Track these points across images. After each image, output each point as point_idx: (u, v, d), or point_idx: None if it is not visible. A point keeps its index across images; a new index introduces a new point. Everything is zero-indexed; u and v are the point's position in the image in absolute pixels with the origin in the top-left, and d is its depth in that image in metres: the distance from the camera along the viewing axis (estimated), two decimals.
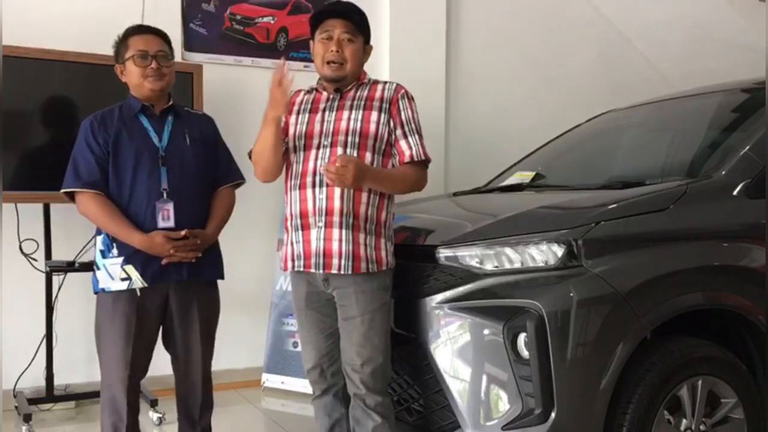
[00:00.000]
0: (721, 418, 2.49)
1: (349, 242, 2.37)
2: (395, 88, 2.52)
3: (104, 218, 2.54)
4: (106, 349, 2.59)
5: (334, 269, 2.38)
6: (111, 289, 2.56)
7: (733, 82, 3.29)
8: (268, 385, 4.17)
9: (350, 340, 2.42)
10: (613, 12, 5.44)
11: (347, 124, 2.44)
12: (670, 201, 2.49)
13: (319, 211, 2.40)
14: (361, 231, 2.40)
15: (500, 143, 4.74)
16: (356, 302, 2.40)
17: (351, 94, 2.51)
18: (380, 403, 2.43)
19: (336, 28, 2.46)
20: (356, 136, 2.43)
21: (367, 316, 2.39)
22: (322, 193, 2.40)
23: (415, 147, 2.47)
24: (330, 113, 2.48)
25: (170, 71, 2.64)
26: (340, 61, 2.45)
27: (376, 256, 2.42)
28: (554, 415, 2.23)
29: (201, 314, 2.65)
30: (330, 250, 2.38)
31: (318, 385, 2.58)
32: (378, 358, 2.41)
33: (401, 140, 2.47)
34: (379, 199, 2.45)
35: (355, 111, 2.46)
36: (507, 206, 2.85)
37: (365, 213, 2.41)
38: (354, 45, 2.47)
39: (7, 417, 3.60)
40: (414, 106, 2.52)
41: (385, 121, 2.46)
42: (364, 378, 2.41)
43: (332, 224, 2.38)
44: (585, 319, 2.27)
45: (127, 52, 2.61)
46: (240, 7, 4.38)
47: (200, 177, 2.64)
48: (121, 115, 2.62)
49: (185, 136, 2.64)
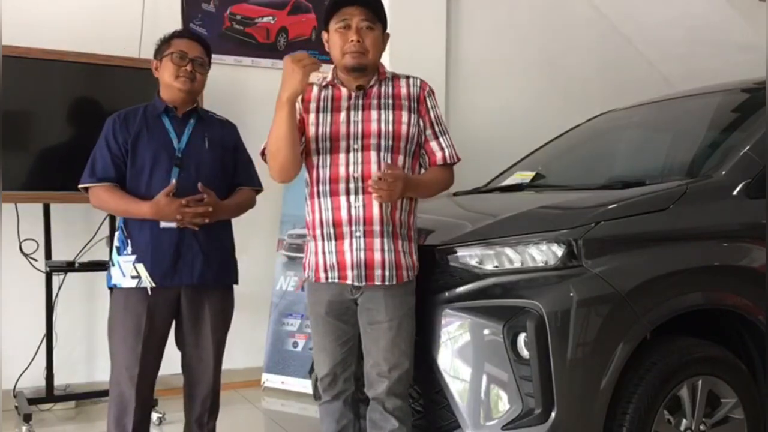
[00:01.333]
0: (721, 418, 2.49)
1: (391, 252, 2.31)
2: (420, 84, 2.43)
3: (115, 200, 2.58)
4: (117, 345, 2.60)
5: (377, 280, 2.30)
6: (122, 285, 2.59)
7: (733, 82, 3.29)
8: (268, 385, 4.17)
9: (377, 344, 2.35)
10: (613, 12, 5.44)
11: (378, 126, 2.34)
12: (670, 201, 2.49)
13: (356, 219, 2.31)
14: (399, 238, 2.35)
15: (500, 143, 4.73)
16: (385, 307, 2.33)
17: (375, 91, 2.39)
18: (399, 407, 2.38)
19: (354, 16, 2.32)
20: (389, 139, 2.33)
21: (395, 322, 2.33)
22: (358, 201, 2.31)
23: (448, 149, 2.42)
24: (356, 113, 2.36)
25: (202, 78, 2.68)
26: (362, 50, 2.33)
27: (411, 262, 2.38)
28: (554, 415, 2.23)
29: (213, 320, 2.66)
30: (372, 261, 2.30)
31: (329, 391, 2.48)
32: (404, 364, 2.35)
33: (432, 141, 2.41)
34: (410, 202, 2.40)
35: (384, 111, 2.36)
36: (507, 206, 2.85)
37: (400, 219, 2.35)
38: (374, 33, 2.35)
39: (7, 417, 3.60)
40: (437, 103, 2.46)
41: (415, 122, 2.38)
42: (390, 383, 2.35)
43: (372, 234, 2.30)
44: (585, 319, 2.27)
45: (168, 50, 2.64)
46: (240, 7, 4.39)
47: (215, 181, 2.63)
48: (145, 114, 2.65)
49: (204, 139, 2.66)
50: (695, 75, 4.47)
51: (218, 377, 2.73)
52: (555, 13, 5.31)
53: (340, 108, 2.38)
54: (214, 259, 2.63)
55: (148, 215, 2.52)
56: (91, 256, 3.76)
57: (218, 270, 2.65)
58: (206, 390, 2.70)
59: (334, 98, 2.40)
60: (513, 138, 4.58)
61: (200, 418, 2.72)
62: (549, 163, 3.56)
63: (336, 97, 2.40)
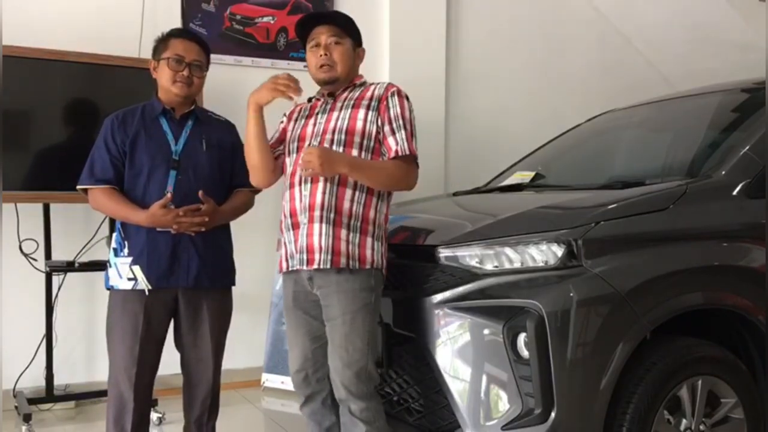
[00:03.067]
0: (721, 418, 2.49)
1: (329, 236, 2.35)
2: (386, 86, 2.51)
3: (113, 205, 2.59)
4: (115, 346, 2.61)
5: (315, 264, 2.36)
6: (118, 287, 2.60)
7: (733, 82, 3.29)
8: (268, 385, 4.17)
9: (333, 341, 2.39)
10: (613, 12, 5.44)
11: (335, 123, 2.46)
12: (670, 201, 2.49)
13: (304, 207, 2.40)
14: (343, 227, 2.37)
15: (500, 143, 4.74)
16: (337, 302, 2.36)
17: (343, 95, 2.53)
18: (365, 408, 2.37)
19: (322, 35, 2.49)
20: (342, 133, 2.43)
21: (348, 317, 2.35)
22: (306, 190, 2.41)
23: (401, 142, 2.42)
24: (322, 116, 2.51)
25: (200, 82, 2.68)
26: (330, 63, 2.47)
27: (359, 253, 2.38)
28: (554, 414, 2.22)
29: (211, 321, 2.66)
30: (312, 246, 2.37)
31: (302, 390, 2.53)
32: (360, 361, 2.35)
33: (389, 137, 2.44)
34: (366, 196, 2.42)
35: (344, 110, 2.48)
36: (507, 206, 2.85)
37: (349, 209, 2.39)
38: (342, 47, 2.49)
39: (7, 417, 3.60)
40: (405, 103, 2.48)
41: (373, 119, 2.44)
42: (346, 381, 2.35)
43: (314, 219, 2.38)
44: (585, 319, 2.27)
45: (165, 53, 2.64)
46: (240, 7, 4.38)
47: (212, 183, 2.64)
48: (143, 115, 2.65)
49: (202, 140, 2.66)
50: (695, 75, 4.47)
51: (218, 377, 2.73)
52: (555, 14, 5.31)
53: (313, 114, 2.55)
54: (211, 262, 2.63)
55: (143, 224, 2.53)
56: (91, 256, 3.76)
57: (214, 272, 2.65)
58: (206, 390, 2.70)
59: (310, 108, 2.58)
60: (513, 138, 4.59)
61: (200, 419, 2.72)
62: (549, 163, 3.56)
63: (312, 107, 2.58)
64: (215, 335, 2.68)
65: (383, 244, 2.48)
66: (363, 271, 2.39)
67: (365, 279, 2.40)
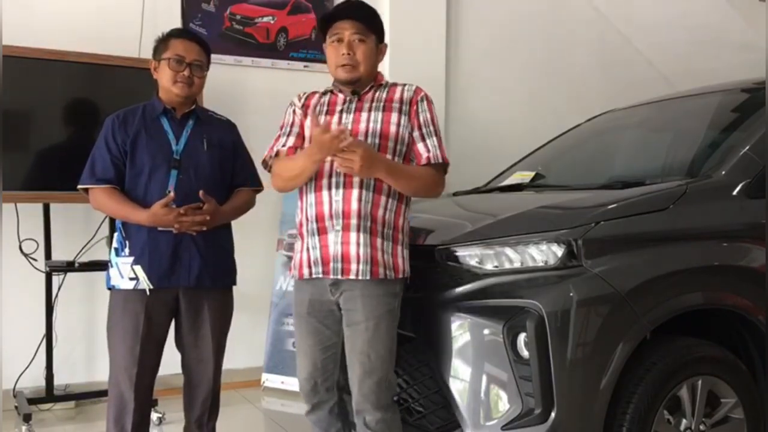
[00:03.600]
0: (721, 418, 2.49)
1: (367, 246, 2.29)
2: (414, 89, 2.45)
3: (114, 204, 2.59)
4: (116, 346, 2.60)
5: (352, 275, 2.29)
6: (120, 287, 2.60)
7: (733, 82, 3.29)
8: (268, 385, 4.17)
9: (354, 347, 2.32)
10: (613, 12, 5.44)
11: (366, 125, 2.37)
12: (670, 201, 2.49)
13: (336, 213, 2.31)
14: (379, 236, 2.32)
15: (500, 143, 4.73)
16: (362, 307, 2.30)
17: (369, 95, 2.44)
18: (380, 419, 2.32)
19: (345, 30, 2.39)
20: (376, 137, 2.35)
21: (371, 323, 2.29)
22: (338, 195, 2.32)
23: (433, 149, 2.38)
24: (347, 115, 2.41)
25: (200, 82, 2.67)
26: (353, 63, 2.38)
27: (393, 262, 2.34)
28: (554, 414, 2.22)
29: (212, 321, 2.65)
30: (348, 255, 2.29)
31: (310, 398, 2.46)
32: (381, 369, 2.29)
33: (419, 142, 2.40)
34: (397, 203, 2.38)
35: (375, 112, 2.39)
36: (507, 206, 2.85)
37: (382, 217, 2.33)
38: (366, 45, 2.41)
39: (7, 417, 3.60)
40: (433, 108, 2.45)
41: (405, 123, 2.39)
42: (365, 390, 2.30)
43: (350, 227, 2.30)
44: (585, 319, 2.27)
45: (165, 53, 2.63)
46: (240, 7, 4.39)
47: (213, 183, 2.63)
48: (144, 115, 2.65)
49: (203, 141, 2.65)
50: (695, 75, 4.47)
51: (218, 378, 2.73)
52: (555, 14, 5.31)
53: (334, 111, 2.44)
54: (212, 262, 2.63)
55: (144, 223, 2.53)
56: (91, 256, 3.76)
57: (216, 272, 2.65)
58: (206, 390, 2.70)
59: (330, 103, 2.47)
60: (513, 138, 4.58)
61: (200, 419, 2.72)
62: (549, 163, 3.56)
63: (332, 102, 2.47)
64: (216, 335, 2.67)
65: (408, 250, 2.43)
66: (395, 279, 2.35)
67: (392, 286, 2.35)
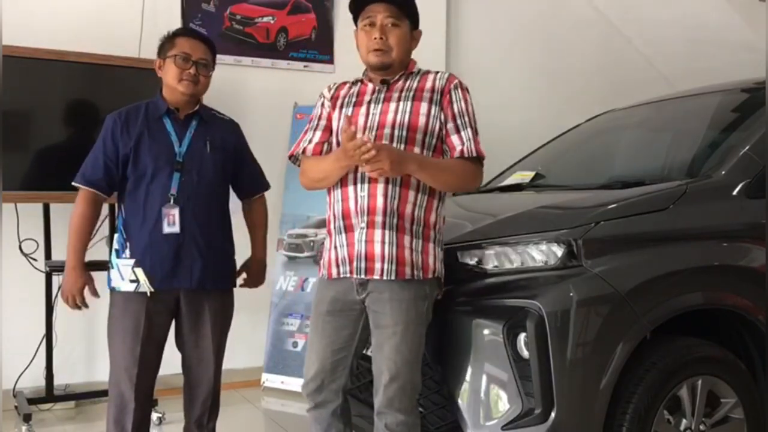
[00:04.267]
0: (721, 418, 2.49)
1: (392, 245, 2.18)
2: (447, 77, 2.33)
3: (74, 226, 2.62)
4: (116, 346, 2.60)
5: (376, 274, 2.18)
6: (120, 288, 2.60)
7: (733, 82, 3.29)
8: (268, 385, 4.17)
9: (381, 350, 2.23)
10: (613, 12, 5.44)
11: (394, 116, 2.26)
12: (670, 201, 2.49)
13: (361, 210, 2.21)
14: (407, 233, 2.20)
15: (500, 143, 4.71)
16: (390, 311, 2.20)
17: (399, 85, 2.33)
18: (403, 422, 2.24)
19: (378, 14, 2.28)
20: (403, 129, 2.23)
21: (400, 327, 2.19)
22: (363, 191, 2.21)
23: (468, 142, 2.24)
24: (376, 105, 2.30)
25: (206, 81, 2.65)
26: (385, 48, 2.28)
27: (422, 261, 2.22)
28: (554, 414, 2.22)
29: (212, 321, 2.65)
30: (372, 253, 2.19)
31: (313, 397, 2.38)
32: (407, 374, 2.21)
33: (453, 135, 2.26)
34: (427, 198, 2.25)
35: (403, 102, 2.27)
36: (507, 206, 2.85)
37: (411, 214, 2.22)
38: (399, 30, 2.31)
39: (7, 417, 3.60)
40: (469, 97, 2.31)
41: (436, 114, 2.26)
42: (390, 394, 2.21)
43: (374, 224, 2.19)
44: (585, 319, 2.27)
45: (171, 51, 2.61)
46: (240, 6, 4.39)
47: (216, 185, 2.63)
48: (147, 115, 2.62)
49: (206, 142, 2.63)
50: (695, 75, 4.47)
51: (218, 378, 2.73)
52: (555, 13, 5.31)
53: (363, 102, 2.34)
54: (213, 264, 2.62)
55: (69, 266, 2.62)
56: (91, 256, 3.73)
57: (217, 274, 2.64)
58: (206, 391, 2.70)
59: (359, 93, 2.37)
60: (512, 138, 4.57)
61: (200, 419, 2.72)
62: (549, 163, 3.56)
63: (361, 92, 2.37)
64: (216, 336, 2.67)
65: (442, 249, 2.33)
66: (424, 279, 2.24)
67: (422, 288, 2.24)
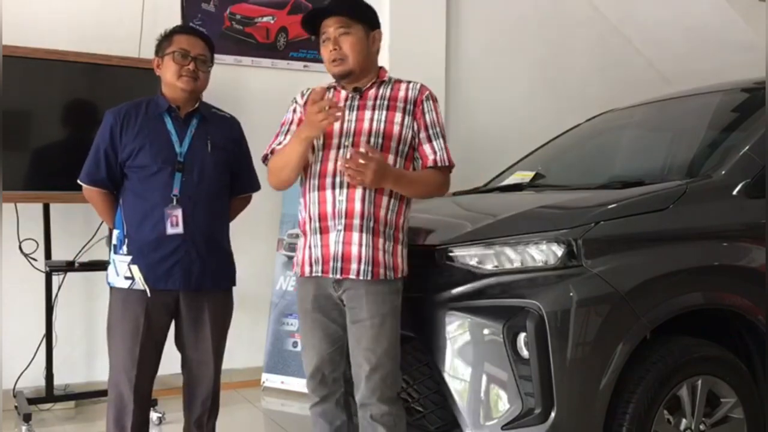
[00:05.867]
0: (720, 418, 2.49)
1: (369, 247, 2.30)
2: (420, 88, 2.44)
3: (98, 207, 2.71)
4: (115, 347, 2.60)
5: (353, 274, 2.30)
6: (115, 285, 2.59)
7: (733, 82, 3.28)
8: (268, 384, 4.17)
9: (359, 344, 2.32)
10: (613, 12, 5.44)
11: (370, 124, 2.37)
12: (670, 201, 2.49)
13: (339, 213, 2.32)
14: (381, 236, 2.33)
15: (500, 143, 4.73)
16: (366, 305, 2.31)
17: (372, 93, 2.43)
18: (387, 413, 2.33)
19: (329, 27, 2.39)
20: (379, 137, 2.35)
21: (377, 320, 2.30)
22: (342, 195, 2.33)
23: (440, 152, 2.39)
24: (350, 113, 2.40)
25: (205, 77, 2.64)
26: (340, 56, 2.38)
27: (393, 262, 2.35)
28: (554, 414, 2.23)
29: (212, 321, 2.65)
30: (349, 254, 2.30)
31: (317, 392, 2.46)
32: (388, 364, 2.31)
33: (425, 144, 2.40)
34: (398, 203, 2.38)
35: (378, 111, 2.39)
36: (507, 206, 2.84)
37: (384, 217, 2.34)
38: (351, 36, 2.38)
39: (7, 417, 3.60)
40: (438, 108, 2.45)
41: (409, 123, 2.39)
42: (373, 386, 2.31)
43: (352, 227, 2.31)
44: (585, 318, 2.27)
45: (169, 48, 2.60)
46: (240, 6, 4.39)
47: (217, 184, 2.63)
48: (147, 113, 2.62)
49: (207, 142, 2.63)
50: (695, 75, 4.46)
51: (218, 378, 2.73)
52: (555, 13, 5.31)
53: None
54: (212, 265, 2.62)
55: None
56: (91, 255, 3.76)
57: (216, 274, 2.64)
58: (206, 391, 2.70)
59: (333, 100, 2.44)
60: (512, 138, 4.58)
61: (200, 419, 2.72)
62: (549, 163, 3.56)
63: (335, 99, 2.44)
64: (216, 336, 2.67)
65: (406, 247, 2.44)
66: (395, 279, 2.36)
67: (393, 283, 2.36)
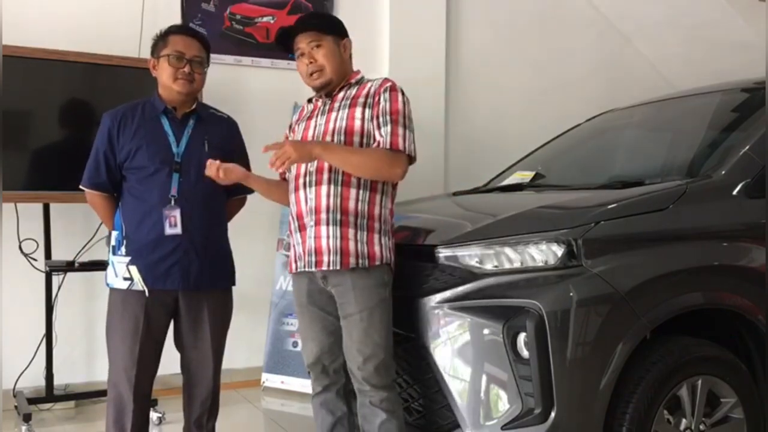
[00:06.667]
0: (720, 418, 2.49)
1: (336, 238, 2.38)
2: (381, 81, 2.50)
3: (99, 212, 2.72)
4: (115, 347, 2.60)
5: (324, 266, 2.39)
6: (114, 286, 2.59)
7: (733, 82, 3.28)
8: (268, 384, 4.17)
9: (350, 337, 2.41)
10: (613, 11, 5.44)
11: (333, 124, 2.46)
12: (670, 201, 2.49)
13: (310, 210, 2.43)
14: (351, 226, 2.39)
15: (500, 143, 4.74)
16: (354, 299, 2.39)
17: (340, 95, 2.52)
18: (386, 398, 2.42)
19: (302, 43, 2.49)
20: (341, 134, 2.43)
21: (365, 313, 2.38)
22: (311, 193, 2.43)
23: (386, 136, 2.39)
24: (321, 117, 2.52)
25: (201, 78, 2.65)
26: (318, 68, 2.48)
27: (368, 251, 2.40)
28: (554, 414, 2.23)
29: (212, 321, 2.65)
30: (320, 248, 2.40)
31: (319, 381, 2.56)
32: (379, 354, 2.39)
33: (375, 131, 2.43)
34: (370, 194, 2.43)
35: (342, 110, 2.48)
36: (507, 206, 2.84)
37: (355, 209, 2.40)
38: (323, 48, 2.48)
39: (7, 417, 3.60)
40: (399, 97, 2.44)
41: (368, 116, 2.44)
42: (367, 375, 2.39)
43: (321, 222, 2.40)
44: (585, 318, 2.27)
45: (164, 50, 2.60)
46: (240, 6, 4.39)
47: (214, 185, 2.62)
48: (143, 114, 2.62)
49: (204, 142, 2.63)
50: (695, 75, 4.47)
51: (218, 378, 2.73)
52: (554, 13, 5.31)
53: (313, 116, 2.56)
54: (211, 264, 2.62)
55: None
56: (91, 255, 3.76)
57: (215, 274, 2.64)
58: (206, 391, 2.70)
59: (311, 110, 2.59)
60: (513, 137, 4.58)
61: (200, 419, 2.72)
62: (549, 163, 3.56)
63: (313, 109, 2.59)
64: (216, 336, 2.67)
65: (390, 239, 2.48)
66: (375, 268, 2.41)
67: (379, 275, 2.42)
